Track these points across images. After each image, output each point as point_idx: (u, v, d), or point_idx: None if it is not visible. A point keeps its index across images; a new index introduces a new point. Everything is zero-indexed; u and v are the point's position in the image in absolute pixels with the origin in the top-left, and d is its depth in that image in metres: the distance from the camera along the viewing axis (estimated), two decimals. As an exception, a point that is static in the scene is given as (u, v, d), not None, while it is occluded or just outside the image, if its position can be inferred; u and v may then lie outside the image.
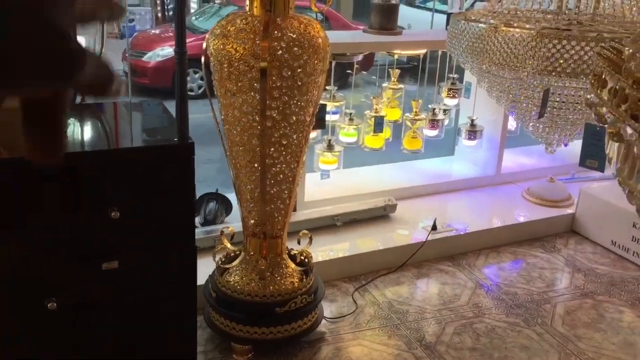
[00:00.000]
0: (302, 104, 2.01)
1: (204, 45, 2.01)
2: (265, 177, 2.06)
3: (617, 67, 0.79)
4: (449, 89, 3.46)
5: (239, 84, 1.96)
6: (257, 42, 1.90)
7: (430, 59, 3.52)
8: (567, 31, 1.94)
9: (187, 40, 8.31)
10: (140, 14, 13.13)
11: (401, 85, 3.31)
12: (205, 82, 2.03)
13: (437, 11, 10.74)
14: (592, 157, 2.64)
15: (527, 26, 2.06)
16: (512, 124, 3.68)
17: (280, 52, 1.91)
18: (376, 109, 3.23)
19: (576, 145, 2.98)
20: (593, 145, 2.62)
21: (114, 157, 1.50)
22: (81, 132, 1.69)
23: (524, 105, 1.99)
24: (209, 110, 2.05)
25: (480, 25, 2.16)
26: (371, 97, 3.25)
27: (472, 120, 3.48)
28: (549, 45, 1.91)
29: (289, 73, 1.93)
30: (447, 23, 3.46)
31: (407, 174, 3.52)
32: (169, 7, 13.74)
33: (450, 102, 3.51)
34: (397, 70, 3.26)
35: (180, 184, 1.58)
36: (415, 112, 3.33)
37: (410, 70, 4.37)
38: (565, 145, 2.40)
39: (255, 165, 2.09)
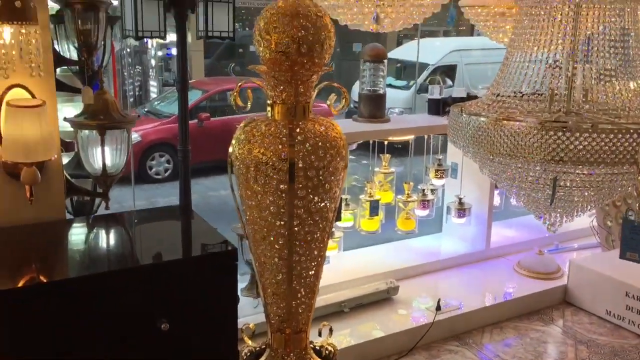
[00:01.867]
0: (326, 201, 2.08)
1: (230, 150, 2.08)
2: (291, 273, 2.10)
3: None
4: (436, 170, 3.62)
5: (266, 187, 2.02)
6: (283, 146, 1.98)
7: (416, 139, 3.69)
8: (565, 123, 2.08)
9: (152, 125, 8.41)
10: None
11: (392, 169, 3.45)
12: (230, 184, 2.09)
13: (391, 86, 11.27)
14: (632, 250, 2.79)
15: (529, 119, 2.20)
16: (497, 199, 3.85)
17: (304, 155, 2.00)
18: (370, 194, 3.34)
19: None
20: (632, 239, 2.78)
21: (161, 271, 1.52)
22: (121, 244, 1.71)
23: (534, 192, 2.11)
24: (176, 193, 2.04)
25: (481, 119, 2.29)
26: (365, 182, 3.36)
27: (460, 199, 3.63)
28: (554, 137, 2.04)
29: (314, 173, 2.01)
30: (430, 109, 3.67)
31: (402, 253, 3.61)
32: (129, 93, 13.87)
33: (438, 182, 3.67)
34: (387, 155, 3.40)
35: (224, 289, 1.61)
36: (407, 194, 3.46)
37: (396, 151, 4.55)
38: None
39: (281, 263, 2.12)
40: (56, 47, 2.22)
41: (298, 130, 1.96)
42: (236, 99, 2.02)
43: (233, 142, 2.04)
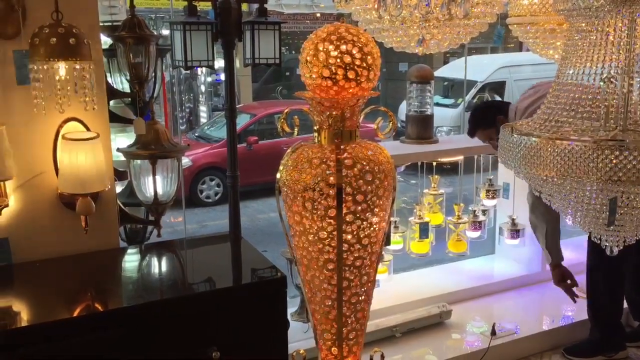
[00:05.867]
0: (375, 225, 2.06)
1: (277, 176, 2.09)
2: (341, 299, 2.08)
3: None
4: (487, 190, 3.55)
5: (314, 212, 2.02)
6: (330, 171, 1.98)
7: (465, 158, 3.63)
8: (622, 141, 2.00)
9: (202, 149, 8.59)
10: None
11: (442, 191, 3.40)
12: (278, 210, 2.09)
13: (439, 105, 11.16)
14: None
15: (583, 138, 2.13)
16: (551, 219, 3.73)
17: (353, 179, 1.98)
18: (420, 216, 3.30)
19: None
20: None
21: (212, 298, 1.53)
22: (172, 273, 1.73)
23: (591, 213, 2.03)
24: (226, 217, 2.06)
25: (532, 139, 2.23)
26: (414, 205, 3.32)
27: (513, 220, 3.54)
28: (610, 157, 1.97)
29: (362, 198, 1.99)
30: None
31: (454, 275, 3.53)
32: (180, 120, 14.23)
33: (489, 202, 3.59)
34: (436, 177, 3.36)
35: (274, 315, 1.60)
36: (458, 215, 3.39)
37: (445, 170, 4.50)
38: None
39: (330, 288, 2.10)
40: (109, 79, 2.30)
41: (345, 155, 1.95)
42: (283, 125, 2.03)
43: (280, 167, 2.05)
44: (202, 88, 15.14)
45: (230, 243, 2.31)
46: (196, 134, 11.15)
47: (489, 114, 3.09)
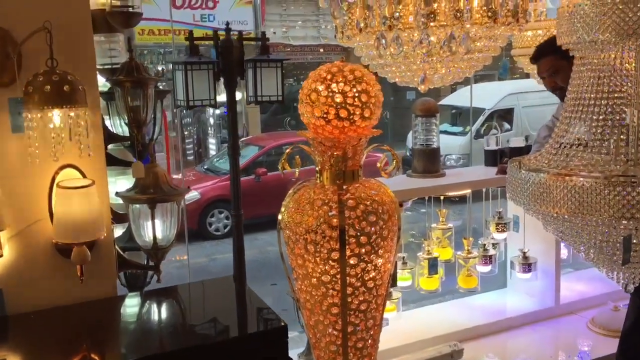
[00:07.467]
0: (380, 267, 2.00)
1: (279, 217, 2.04)
2: (347, 345, 2.01)
3: None
4: (497, 224, 3.48)
5: (316, 255, 1.97)
6: (333, 213, 1.93)
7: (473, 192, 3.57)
8: (634, 177, 1.95)
9: (211, 182, 8.59)
10: (163, 159, 13.67)
11: (450, 224, 3.34)
12: (280, 252, 2.04)
13: (447, 133, 11.12)
14: None
15: (593, 174, 2.07)
16: (564, 251, 3.65)
17: (356, 221, 1.94)
18: (428, 251, 3.23)
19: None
20: None
21: (213, 350, 1.48)
22: (172, 322, 1.68)
23: (605, 250, 1.96)
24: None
25: (541, 175, 2.18)
26: (422, 239, 3.26)
27: (524, 253, 3.46)
28: (622, 193, 1.91)
29: (366, 240, 1.94)
30: (487, 160, 3.56)
31: (465, 311, 3.44)
32: (189, 151, 14.31)
33: (499, 236, 3.51)
34: (444, 210, 3.30)
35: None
36: (468, 250, 3.32)
37: (453, 203, 4.44)
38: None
39: (335, 333, 2.04)
40: (108, 122, 2.28)
41: (348, 195, 1.91)
42: (284, 164, 2.00)
43: (282, 209, 2.00)
44: (211, 120, 15.25)
45: (232, 289, 2.26)
46: (205, 167, 11.18)
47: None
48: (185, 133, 15.31)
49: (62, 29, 1.84)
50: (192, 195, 10.04)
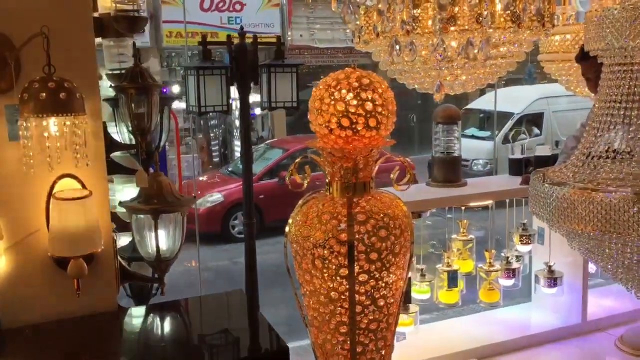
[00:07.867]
0: (391, 285, 1.91)
1: (286, 230, 1.96)
2: (356, 366, 1.91)
3: None
4: (521, 235, 3.34)
5: (324, 271, 1.88)
6: (342, 227, 1.84)
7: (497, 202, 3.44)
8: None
9: (234, 185, 8.54)
10: (188, 160, 13.76)
11: (471, 236, 3.22)
12: (286, 268, 1.97)
13: (474, 137, 10.91)
14: None
15: (621, 189, 1.95)
16: (591, 265, 3.49)
17: (365, 236, 1.84)
18: (448, 263, 3.12)
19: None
20: None
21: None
22: (173, 341, 1.61)
23: (635, 269, 1.84)
24: (258, 253, 1.94)
25: (565, 189, 2.06)
26: (442, 251, 3.15)
27: (550, 267, 3.32)
28: (652, 211, 1.78)
29: (376, 256, 1.85)
30: (511, 169, 3.44)
31: (487, 327, 3.31)
32: (214, 152, 14.37)
33: (523, 248, 3.38)
34: (465, 221, 3.18)
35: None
36: (490, 262, 3.20)
37: (476, 212, 4.32)
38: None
39: (344, 353, 1.95)
40: (114, 129, 2.23)
41: (358, 209, 1.82)
42: (294, 174, 1.92)
43: (289, 221, 1.92)
44: (237, 122, 15.31)
45: (240, 302, 2.19)
46: (229, 169, 11.22)
47: None
48: (211, 135, 15.39)
49: (62, 34, 1.79)
50: (216, 197, 10.06)
